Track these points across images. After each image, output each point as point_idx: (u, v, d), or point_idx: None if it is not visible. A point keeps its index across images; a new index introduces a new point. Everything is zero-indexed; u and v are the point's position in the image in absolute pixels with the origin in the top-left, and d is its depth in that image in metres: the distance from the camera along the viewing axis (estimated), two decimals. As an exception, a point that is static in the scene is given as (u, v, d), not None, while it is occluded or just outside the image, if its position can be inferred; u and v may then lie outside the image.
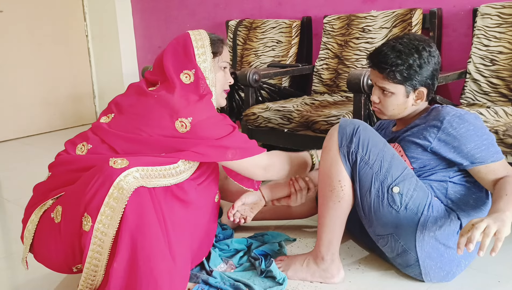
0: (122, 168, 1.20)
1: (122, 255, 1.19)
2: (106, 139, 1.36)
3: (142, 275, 1.19)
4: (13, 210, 2.29)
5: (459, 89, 2.27)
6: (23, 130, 3.98)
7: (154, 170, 1.26)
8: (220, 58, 1.51)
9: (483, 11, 2.19)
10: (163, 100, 1.36)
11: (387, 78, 1.42)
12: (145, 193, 1.22)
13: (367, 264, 1.58)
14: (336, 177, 1.39)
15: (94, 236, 1.19)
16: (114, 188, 1.18)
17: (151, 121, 1.35)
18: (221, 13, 3.45)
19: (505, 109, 1.85)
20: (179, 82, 1.40)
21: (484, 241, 1.10)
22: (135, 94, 1.44)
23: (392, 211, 1.36)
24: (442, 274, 1.41)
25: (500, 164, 1.35)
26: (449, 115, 1.37)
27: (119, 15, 4.08)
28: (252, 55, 3.01)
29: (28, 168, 3.01)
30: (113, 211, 1.18)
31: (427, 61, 1.41)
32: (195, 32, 1.48)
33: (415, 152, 1.42)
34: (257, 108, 2.33)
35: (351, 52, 2.59)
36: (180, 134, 1.33)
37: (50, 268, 1.37)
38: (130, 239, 1.19)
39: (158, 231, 1.22)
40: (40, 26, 3.98)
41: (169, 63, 1.43)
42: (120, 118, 1.39)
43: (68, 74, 4.23)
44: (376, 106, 1.50)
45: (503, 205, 1.19)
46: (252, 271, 1.54)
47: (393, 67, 1.40)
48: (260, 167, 1.45)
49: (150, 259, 1.19)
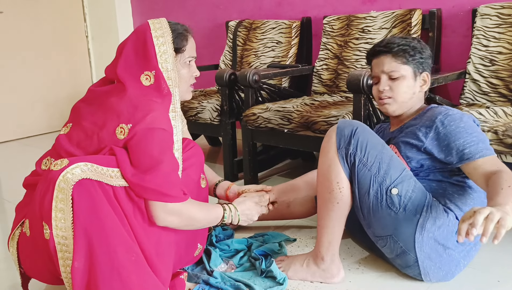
0: (61, 168, 1.15)
1: (80, 252, 1.15)
2: (61, 154, 1.31)
3: (103, 268, 1.15)
4: (13, 211, 2.28)
5: (458, 89, 2.27)
6: (23, 131, 3.98)
7: (99, 168, 1.19)
8: (184, 54, 1.42)
9: (483, 12, 2.19)
10: (112, 105, 1.30)
11: (395, 58, 1.48)
12: (92, 185, 1.16)
13: (367, 264, 1.58)
14: (335, 179, 1.40)
15: (57, 243, 1.15)
16: (57, 190, 1.14)
17: (101, 130, 1.28)
18: (221, 14, 3.46)
19: (504, 109, 1.85)
20: (138, 84, 1.32)
21: (488, 226, 1.02)
22: (92, 100, 1.38)
23: (391, 213, 1.36)
24: (441, 274, 1.41)
25: (488, 159, 1.31)
26: (441, 114, 1.39)
27: (119, 16, 4.08)
28: (252, 55, 3.01)
29: (28, 169, 2.99)
30: (64, 213, 1.14)
31: (426, 47, 1.52)
32: (156, 25, 1.36)
33: (410, 152, 1.43)
34: (257, 109, 2.33)
35: (351, 52, 2.60)
36: (119, 141, 1.25)
37: (43, 281, 1.35)
38: (84, 235, 1.15)
39: (116, 223, 1.18)
40: (40, 27, 3.99)
41: (126, 64, 1.34)
42: (76, 129, 1.35)
43: (68, 75, 4.23)
44: (385, 94, 1.50)
45: (501, 199, 1.13)
46: (252, 271, 1.54)
47: (400, 46, 1.48)
48: (165, 211, 1.28)
49: (109, 252, 1.16)
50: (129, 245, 1.19)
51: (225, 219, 1.46)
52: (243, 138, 2.43)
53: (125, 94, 1.30)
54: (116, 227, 1.18)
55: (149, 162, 1.23)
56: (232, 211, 1.49)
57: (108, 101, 1.32)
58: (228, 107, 2.47)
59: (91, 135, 1.29)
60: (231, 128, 2.52)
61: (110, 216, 1.18)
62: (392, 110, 1.52)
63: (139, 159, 1.23)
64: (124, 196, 1.24)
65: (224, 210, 1.46)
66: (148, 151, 1.23)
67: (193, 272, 1.50)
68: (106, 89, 1.37)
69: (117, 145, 1.25)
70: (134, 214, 1.26)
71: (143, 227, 1.27)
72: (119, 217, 1.20)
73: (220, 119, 2.52)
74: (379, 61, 1.51)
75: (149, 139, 1.24)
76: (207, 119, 2.54)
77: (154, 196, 1.25)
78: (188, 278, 1.48)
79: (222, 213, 1.46)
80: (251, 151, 2.43)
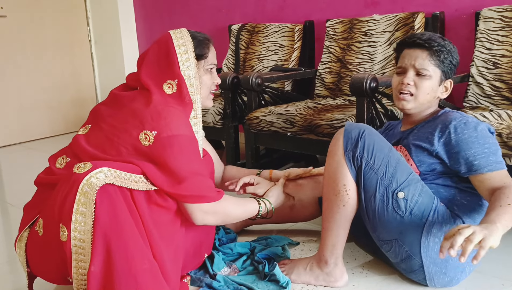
0: (85, 172, 1.17)
1: (98, 257, 1.16)
2: (78, 154, 1.33)
3: (120, 274, 1.16)
4: (16, 214, 2.29)
5: (462, 92, 2.27)
6: (26, 135, 3.99)
7: (122, 174, 1.21)
8: (206, 61, 1.45)
9: (486, 15, 2.19)
10: (136, 110, 1.32)
11: (431, 57, 1.43)
12: (115, 191, 1.18)
13: (371, 268, 1.58)
14: (341, 181, 1.39)
15: (73, 245, 1.17)
16: (80, 193, 1.15)
17: (123, 133, 1.30)
18: (224, 18, 3.46)
19: (508, 112, 1.85)
20: (161, 92, 1.34)
21: (466, 247, 1.05)
22: (113, 104, 1.40)
23: (397, 216, 1.36)
24: (446, 280, 1.40)
25: (497, 173, 1.30)
26: (456, 120, 1.37)
27: (122, 20, 4.10)
28: (255, 59, 3.01)
29: (31, 172, 3.00)
30: (85, 217, 1.16)
31: (457, 54, 1.48)
32: (177, 35, 1.40)
33: (421, 155, 1.41)
34: (260, 112, 2.33)
35: (354, 55, 2.60)
36: (143, 147, 1.27)
37: (49, 281, 1.36)
38: (103, 240, 1.16)
39: (134, 230, 1.20)
40: (44, 31, 4.00)
41: (149, 72, 1.37)
42: (96, 130, 1.36)
43: (71, 79, 4.25)
44: (408, 89, 1.44)
45: (494, 216, 1.15)
46: (255, 274, 1.53)
47: (439, 47, 1.43)
48: (201, 211, 1.33)
49: (127, 258, 1.17)
50: (144, 252, 1.21)
51: (261, 212, 1.52)
52: (246, 141, 2.43)
53: (150, 100, 1.32)
54: (134, 234, 1.20)
55: (182, 172, 1.28)
56: (266, 205, 1.54)
57: (131, 106, 1.34)
58: (231, 111, 2.47)
59: (111, 138, 1.31)
60: (234, 131, 2.52)
61: (129, 223, 1.20)
62: (408, 107, 1.47)
63: (171, 170, 1.27)
64: (143, 201, 1.26)
65: (259, 204, 1.52)
66: (179, 160, 1.28)
67: (196, 276, 1.49)
68: (129, 94, 1.40)
69: (140, 150, 1.28)
70: (153, 220, 1.28)
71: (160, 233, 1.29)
72: (137, 224, 1.22)
73: (223, 123, 2.52)
74: (413, 54, 1.45)
75: (176, 148, 1.28)
76: (210, 122, 2.54)
77: (191, 200, 1.30)
78: (191, 281, 1.47)
79: (258, 207, 1.51)
80: (254, 154, 2.43)
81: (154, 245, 1.26)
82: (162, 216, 1.30)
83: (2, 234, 2.12)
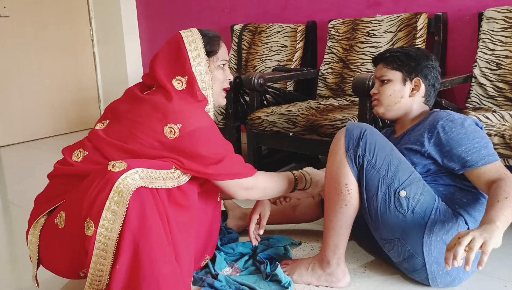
0: (120, 171, 1.19)
1: (125, 257, 1.18)
2: (99, 147, 1.34)
3: (145, 277, 1.18)
4: (18, 213, 2.30)
5: (464, 93, 2.26)
6: (28, 134, 4.00)
7: (153, 172, 1.24)
8: (217, 57, 1.46)
9: (489, 15, 2.18)
10: (157, 104, 1.34)
11: (386, 64, 1.55)
12: (147, 194, 1.21)
13: (373, 268, 1.58)
14: (343, 180, 1.39)
15: (97, 241, 1.18)
16: (114, 192, 1.17)
17: (145, 127, 1.32)
18: (226, 18, 3.47)
19: (511, 113, 1.84)
20: (172, 88, 1.37)
21: (468, 256, 1.06)
22: (131, 100, 1.41)
23: (399, 215, 1.36)
24: (449, 279, 1.40)
25: (491, 166, 1.31)
26: (443, 119, 1.39)
27: (124, 19, 4.11)
28: (257, 59, 3.01)
29: (34, 171, 3.01)
30: (115, 215, 1.17)
31: (425, 55, 1.55)
32: (187, 33, 1.43)
33: (414, 157, 1.42)
34: (262, 112, 2.33)
35: (356, 56, 2.59)
36: (168, 140, 1.29)
37: (58, 274, 1.37)
38: (132, 241, 1.18)
39: (161, 233, 1.22)
40: (46, 31, 4.01)
41: (161, 69, 1.39)
42: (115, 125, 1.38)
43: (74, 78, 4.26)
44: (374, 97, 1.58)
45: (493, 213, 1.15)
46: (257, 274, 1.53)
47: (392, 53, 1.55)
48: (242, 188, 1.41)
49: (152, 261, 1.19)
50: (168, 255, 1.23)
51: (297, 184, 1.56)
52: (248, 141, 2.43)
53: (170, 96, 1.35)
54: (160, 237, 1.22)
55: (217, 156, 1.34)
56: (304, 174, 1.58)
57: (152, 101, 1.36)
58: (233, 111, 2.47)
59: (134, 132, 1.32)
60: (236, 131, 2.52)
61: (157, 225, 1.21)
62: (380, 112, 1.57)
63: (204, 157, 1.31)
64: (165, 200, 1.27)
65: (294, 175, 1.56)
66: (211, 147, 1.33)
67: (198, 276, 1.49)
68: (148, 91, 1.43)
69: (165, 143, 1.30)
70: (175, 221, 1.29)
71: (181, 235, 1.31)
72: (163, 225, 1.24)
73: (225, 123, 2.52)
74: (377, 68, 1.59)
75: (204, 138, 1.32)
76: (212, 122, 2.54)
77: (231, 177, 1.37)
78: (193, 281, 1.47)
79: (294, 178, 1.55)
80: (256, 154, 2.43)
81: (176, 247, 1.27)
82: (180, 217, 1.31)
83: (4, 233, 2.12)
